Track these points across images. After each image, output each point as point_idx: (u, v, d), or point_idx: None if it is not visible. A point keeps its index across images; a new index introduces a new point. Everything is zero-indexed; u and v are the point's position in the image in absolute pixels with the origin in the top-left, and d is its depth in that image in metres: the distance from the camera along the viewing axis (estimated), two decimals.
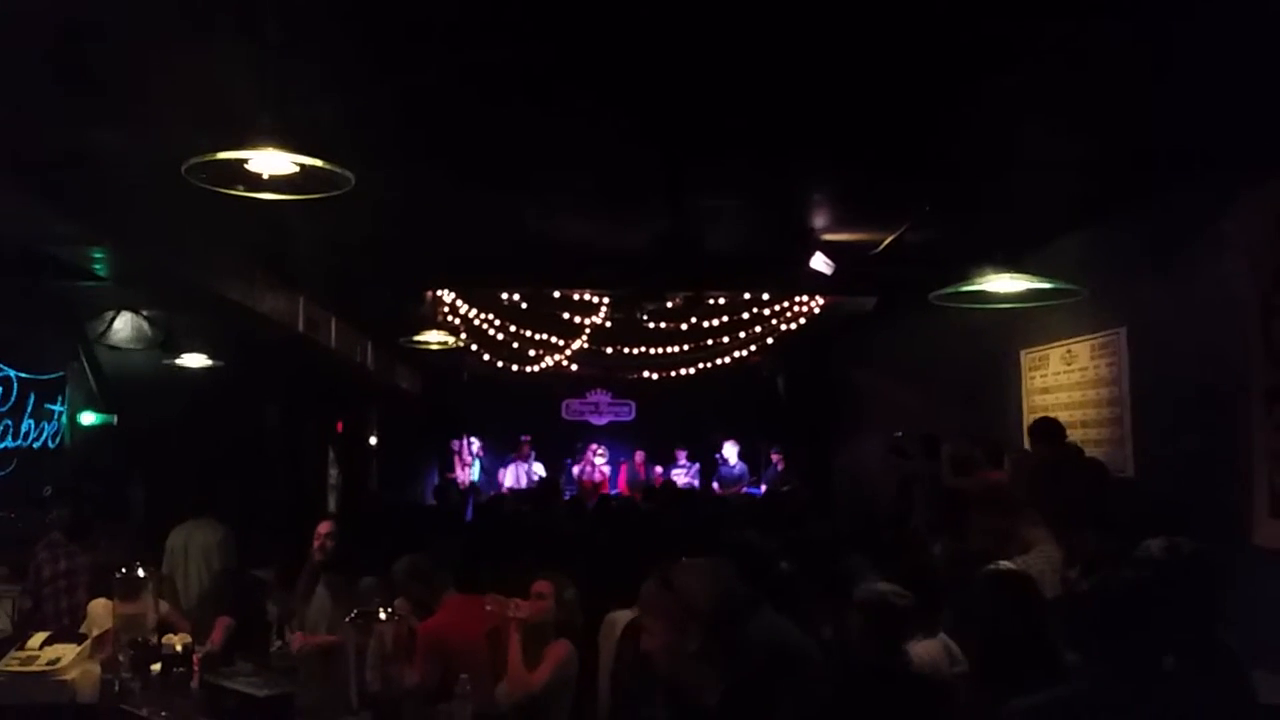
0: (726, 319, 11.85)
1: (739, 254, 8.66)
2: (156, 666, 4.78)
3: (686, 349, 13.14)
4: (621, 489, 15.89)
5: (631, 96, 5.03)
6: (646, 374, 14.78)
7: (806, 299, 11.25)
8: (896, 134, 5.54)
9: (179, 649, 4.87)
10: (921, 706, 2.08)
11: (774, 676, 2.92)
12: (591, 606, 4.95)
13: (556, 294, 11.07)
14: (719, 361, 13.64)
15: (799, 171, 6.50)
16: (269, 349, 10.15)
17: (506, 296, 11.17)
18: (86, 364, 9.87)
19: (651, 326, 11.80)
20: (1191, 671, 3.03)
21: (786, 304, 11.44)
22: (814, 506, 10.78)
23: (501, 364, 13.57)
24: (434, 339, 10.21)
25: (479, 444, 16.80)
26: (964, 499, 7.68)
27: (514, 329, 12.14)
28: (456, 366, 14.91)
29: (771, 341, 12.66)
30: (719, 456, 16.03)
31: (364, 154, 4.18)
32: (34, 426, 9.66)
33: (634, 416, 17.87)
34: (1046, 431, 7.22)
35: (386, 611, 4.22)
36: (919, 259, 7.53)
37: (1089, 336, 7.60)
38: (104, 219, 5.92)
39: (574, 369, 14.35)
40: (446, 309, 11.10)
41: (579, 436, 16.92)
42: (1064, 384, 7.98)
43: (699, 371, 14.10)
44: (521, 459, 16.07)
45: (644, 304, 10.06)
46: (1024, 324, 8.08)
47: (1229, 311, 5.94)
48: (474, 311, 11.45)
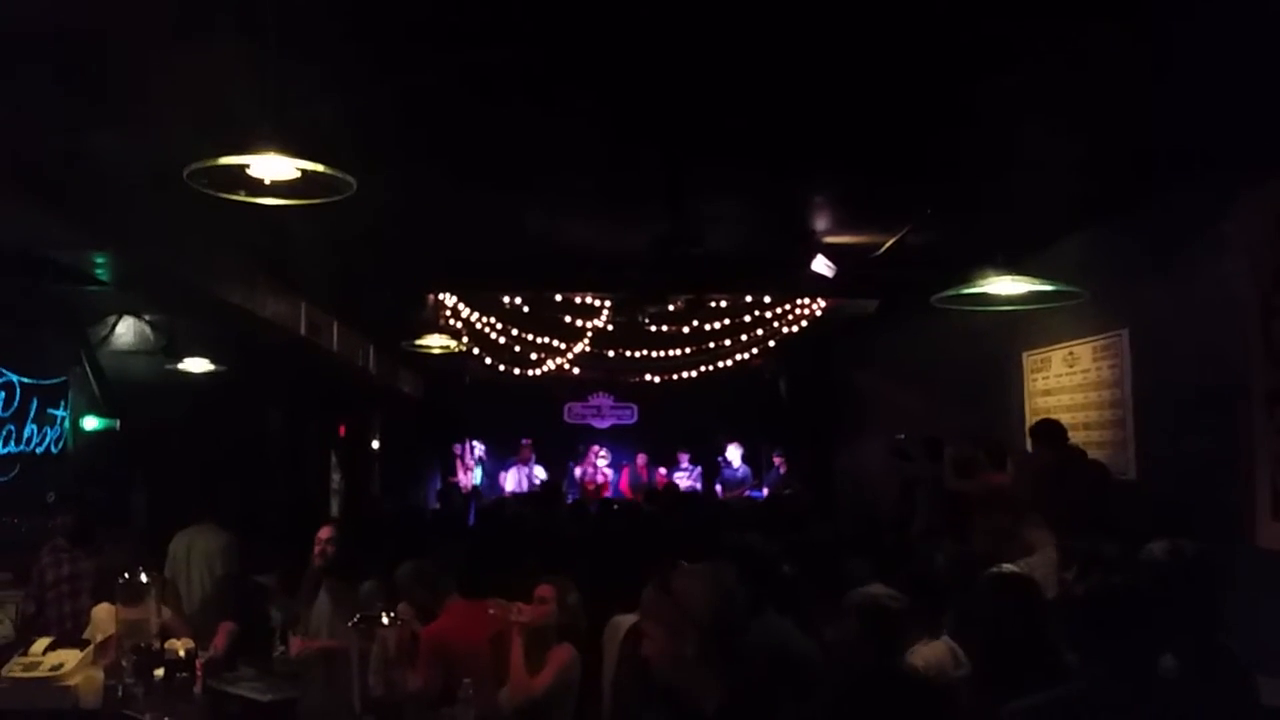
0: (728, 322, 11.84)
1: (740, 257, 8.66)
2: (159, 672, 4.78)
3: (688, 352, 13.14)
4: (624, 492, 15.88)
5: (632, 97, 5.04)
6: (648, 377, 14.79)
7: (808, 301, 11.25)
8: (897, 135, 5.54)
9: (182, 654, 4.87)
10: (922, 709, 2.07)
11: (774, 682, 2.91)
12: (595, 610, 4.93)
13: (558, 297, 11.07)
14: (721, 364, 13.65)
15: (800, 173, 6.50)
16: (271, 353, 10.16)
17: (508, 300, 11.18)
18: (89, 369, 9.87)
19: (653, 329, 11.79)
20: (1193, 673, 3.03)
21: (788, 306, 11.43)
22: (816, 509, 10.78)
23: (503, 368, 13.57)
24: (436, 343, 10.20)
25: (483, 448, 16.79)
26: (966, 501, 7.69)
27: (515, 332, 12.15)
28: (458, 370, 14.91)
29: (773, 344, 12.66)
30: (722, 459, 15.98)
31: (365, 157, 4.17)
32: (36, 431, 9.64)
33: (636, 420, 17.84)
34: (1049, 433, 7.21)
35: (389, 616, 4.22)
36: (920, 261, 7.53)
37: (1091, 338, 7.59)
38: (105, 223, 5.92)
39: (576, 372, 14.36)
40: (448, 313, 11.11)
41: (581, 440, 16.88)
42: (1066, 386, 7.97)
43: (701, 374, 14.11)
44: (522, 462, 15.99)
45: (645, 307, 10.02)
46: (1026, 326, 8.07)
47: (1230, 312, 5.94)
48: (476, 315, 11.45)
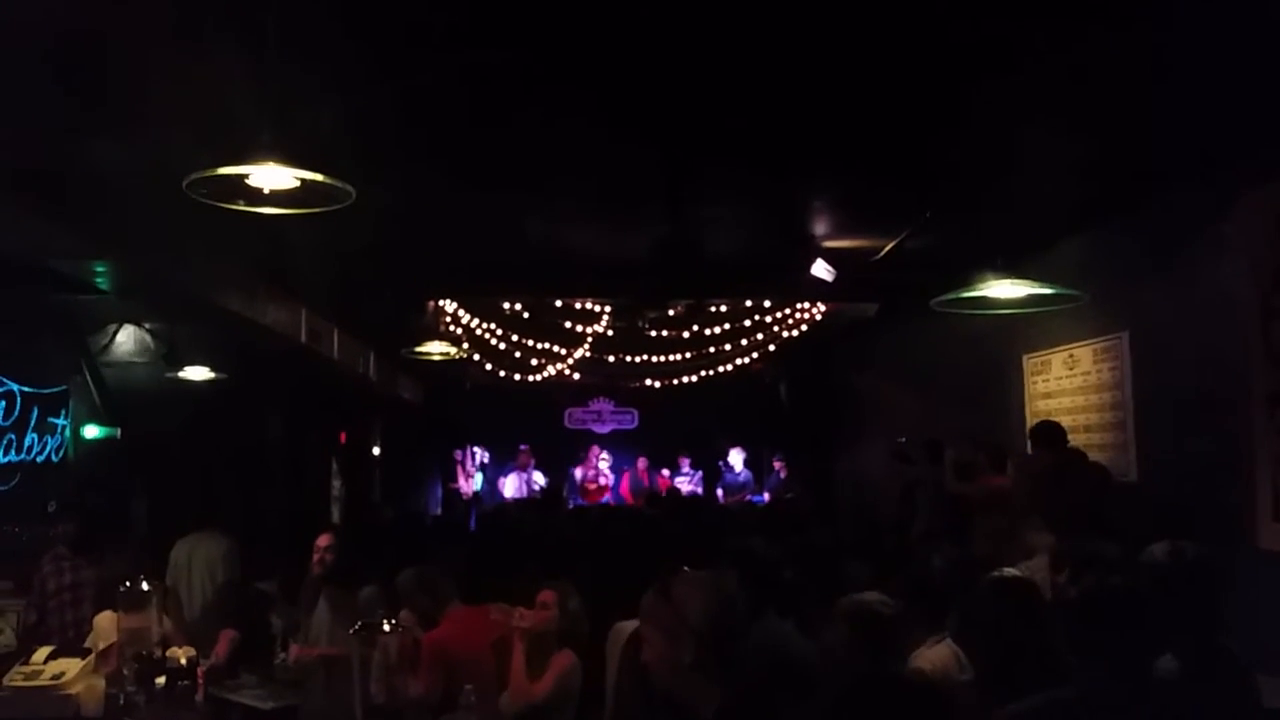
0: (728, 326, 11.83)
1: (740, 261, 8.66)
2: (161, 680, 4.77)
3: (688, 356, 13.12)
4: (625, 497, 15.87)
5: (632, 99, 5.04)
6: (649, 382, 14.78)
7: (808, 306, 11.24)
8: (897, 138, 5.54)
9: (184, 662, 4.86)
10: (921, 713, 2.07)
11: (774, 688, 2.91)
12: (597, 616, 4.93)
13: (558, 303, 11.07)
14: (721, 369, 13.64)
15: (800, 176, 6.50)
16: (271, 361, 10.16)
17: (508, 306, 11.17)
18: (89, 377, 9.88)
19: (653, 334, 11.78)
20: (1194, 674, 3.02)
21: (788, 311, 11.43)
22: (817, 512, 10.78)
23: (504, 373, 13.56)
24: (436, 350, 10.20)
25: (486, 454, 16.76)
26: (967, 504, 7.69)
27: (516, 338, 12.14)
28: (459, 376, 14.90)
29: (773, 348, 12.64)
30: (723, 464, 15.98)
31: (364, 163, 4.18)
32: (37, 440, 9.64)
33: (636, 424, 17.82)
34: (1049, 435, 7.21)
35: (390, 622, 4.22)
36: (920, 265, 7.54)
37: (1091, 341, 7.59)
38: (105, 232, 5.94)
39: (576, 378, 14.35)
40: (448, 319, 11.11)
41: (582, 445, 16.87)
42: (1066, 388, 7.97)
43: (701, 379, 14.09)
44: (521, 468, 15.91)
45: (646, 312, 10.03)
46: (1026, 329, 8.07)
47: (1230, 314, 5.95)
48: (476, 321, 11.45)
